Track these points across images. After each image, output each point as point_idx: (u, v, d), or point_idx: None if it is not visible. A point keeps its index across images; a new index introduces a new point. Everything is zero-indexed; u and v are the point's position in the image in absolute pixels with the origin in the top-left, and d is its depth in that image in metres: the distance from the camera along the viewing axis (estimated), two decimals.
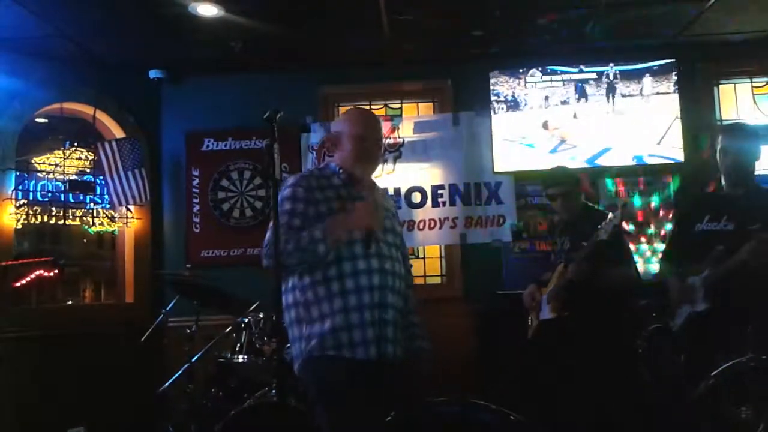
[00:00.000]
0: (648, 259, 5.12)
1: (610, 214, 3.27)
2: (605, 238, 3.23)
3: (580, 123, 5.20)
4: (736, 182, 3.18)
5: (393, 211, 2.76)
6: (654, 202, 5.21)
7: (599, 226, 3.25)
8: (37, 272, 4.58)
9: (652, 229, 5.16)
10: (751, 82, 5.43)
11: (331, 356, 2.40)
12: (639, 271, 3.96)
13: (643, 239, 5.16)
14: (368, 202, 2.47)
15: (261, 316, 3.81)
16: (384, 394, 2.46)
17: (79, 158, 5.28)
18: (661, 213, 5.18)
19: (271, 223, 2.35)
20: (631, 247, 4.29)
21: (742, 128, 3.39)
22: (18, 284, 4.60)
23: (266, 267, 2.40)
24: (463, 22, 4.72)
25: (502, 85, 5.26)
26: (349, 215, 2.45)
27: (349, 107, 4.59)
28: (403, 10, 4.43)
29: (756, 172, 3.25)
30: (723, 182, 3.27)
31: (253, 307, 3.94)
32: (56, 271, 4.57)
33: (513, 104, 5.25)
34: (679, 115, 5.09)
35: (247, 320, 3.82)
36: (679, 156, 5.07)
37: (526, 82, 5.25)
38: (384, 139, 5.33)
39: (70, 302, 6.02)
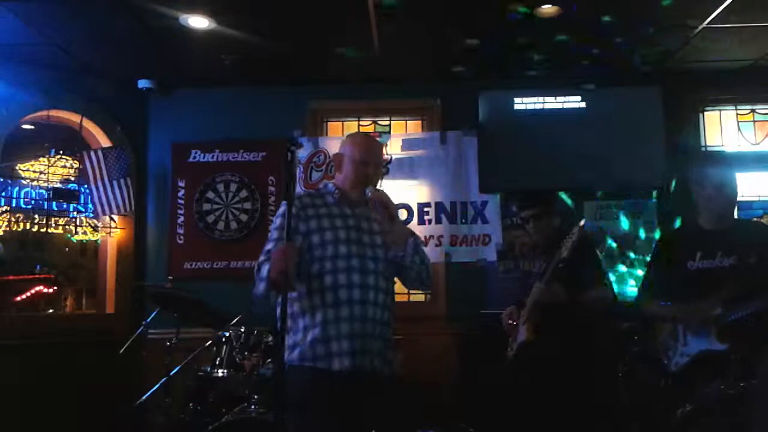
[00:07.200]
0: (625, 281, 5.16)
1: (572, 231, 3.28)
2: (566, 255, 3.24)
3: (566, 144, 5.21)
4: (725, 216, 3.09)
5: None
6: (637, 225, 5.24)
7: (561, 244, 3.27)
8: (37, 288, 4.57)
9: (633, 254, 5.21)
10: (736, 109, 5.50)
11: (307, 367, 2.47)
12: (614, 289, 3.90)
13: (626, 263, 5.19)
14: (287, 245, 2.33)
15: (242, 330, 3.79)
16: (361, 405, 2.47)
17: (64, 166, 5.24)
18: (643, 237, 5.22)
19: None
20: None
21: (729, 160, 3.32)
22: (18, 299, 4.59)
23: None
24: (452, 43, 4.75)
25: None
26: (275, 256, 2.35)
27: (346, 126, 4.54)
28: (394, 29, 4.47)
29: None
30: (703, 215, 3.13)
31: (234, 321, 3.92)
32: (55, 288, 4.57)
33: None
34: (664, 141, 5.13)
35: (228, 334, 3.80)
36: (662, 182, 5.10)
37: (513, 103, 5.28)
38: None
39: (50, 311, 5.96)
